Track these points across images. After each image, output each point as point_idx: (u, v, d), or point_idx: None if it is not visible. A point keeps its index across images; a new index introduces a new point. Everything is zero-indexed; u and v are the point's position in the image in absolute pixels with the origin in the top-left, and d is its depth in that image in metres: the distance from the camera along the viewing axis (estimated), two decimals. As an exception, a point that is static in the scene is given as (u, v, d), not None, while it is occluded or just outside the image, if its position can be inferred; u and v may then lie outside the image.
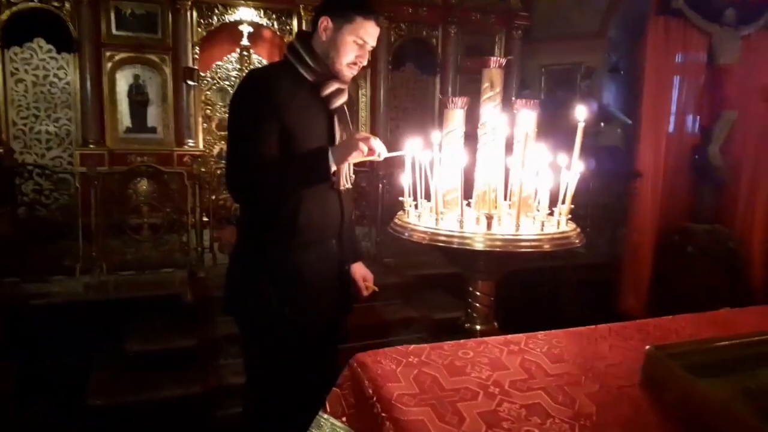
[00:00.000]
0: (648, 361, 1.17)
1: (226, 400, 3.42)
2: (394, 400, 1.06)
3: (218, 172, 4.56)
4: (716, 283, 5.09)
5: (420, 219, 1.90)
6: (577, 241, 1.80)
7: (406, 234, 1.90)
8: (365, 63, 2.03)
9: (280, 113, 1.85)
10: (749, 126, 5.08)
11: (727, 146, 5.07)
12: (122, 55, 6.61)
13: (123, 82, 6.68)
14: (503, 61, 1.90)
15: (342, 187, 2.04)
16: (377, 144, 1.86)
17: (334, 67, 1.95)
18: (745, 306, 5.08)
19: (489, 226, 1.73)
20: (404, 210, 2.02)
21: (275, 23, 7.34)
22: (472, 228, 1.82)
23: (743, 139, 5.13)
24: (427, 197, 2.03)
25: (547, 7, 8.27)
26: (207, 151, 7.13)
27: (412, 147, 1.91)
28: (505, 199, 2.00)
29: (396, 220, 1.98)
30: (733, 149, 5.12)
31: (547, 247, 1.75)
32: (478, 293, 1.98)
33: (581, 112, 1.78)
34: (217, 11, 7.00)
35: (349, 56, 1.94)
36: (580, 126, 1.80)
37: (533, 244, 1.75)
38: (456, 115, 1.95)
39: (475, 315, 1.99)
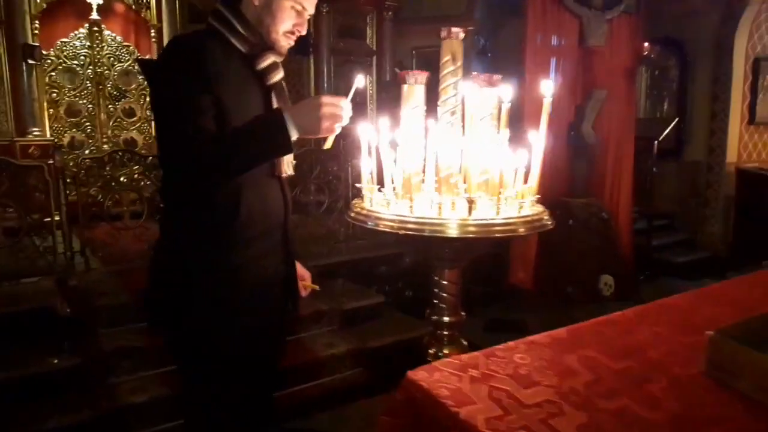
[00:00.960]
0: (714, 347, 1.12)
1: (126, 422, 3.00)
2: (482, 426, 0.90)
3: (87, 162, 3.97)
4: (592, 251, 5.46)
5: (383, 206, 1.72)
6: (549, 222, 1.73)
7: (370, 223, 1.72)
8: (304, 32, 1.78)
9: (213, 87, 1.57)
10: (615, 104, 5.47)
11: (597, 123, 5.41)
12: (-61, 28, 5.58)
13: (-58, 60, 5.63)
14: (463, 32, 1.77)
15: (284, 174, 1.81)
16: (347, 110, 1.56)
17: (269, 36, 1.71)
18: (618, 270, 5.47)
19: (470, 211, 1.59)
20: (361, 197, 1.82)
21: (130, -4, 6.61)
22: (434, 214, 1.67)
23: (609, 116, 5.51)
24: (380, 182, 1.85)
25: (416, -13, 8.32)
26: (56, 140, 6.26)
27: (359, 82, 1.67)
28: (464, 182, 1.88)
29: (356, 208, 1.78)
30: (602, 126, 5.48)
31: (522, 230, 1.66)
32: (444, 282, 1.86)
33: (547, 88, 1.70)
34: (59, -20, 6.12)
35: (286, 23, 1.71)
36: (546, 102, 1.72)
37: (508, 228, 1.65)
38: (416, 91, 1.78)
39: (443, 306, 1.86)
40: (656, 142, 5.93)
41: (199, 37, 1.66)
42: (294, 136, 1.55)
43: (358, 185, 1.82)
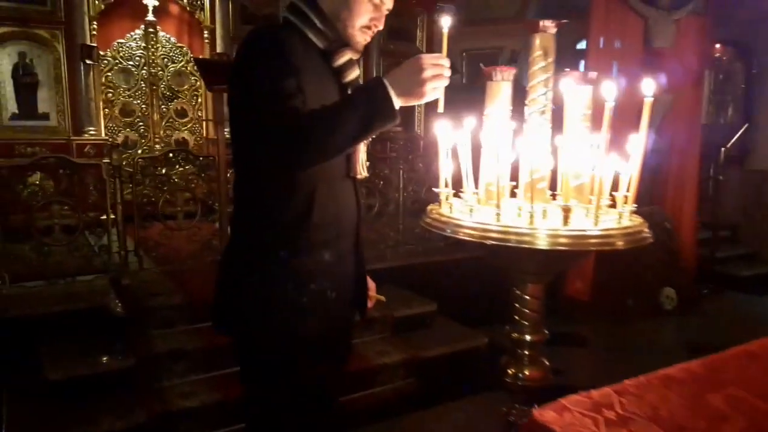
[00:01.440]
0: None
1: (178, 426, 2.94)
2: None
3: (140, 162, 3.97)
4: (654, 262, 5.20)
5: (465, 213, 1.59)
6: (649, 235, 1.57)
7: (449, 231, 1.59)
8: (381, 27, 1.68)
9: (300, 80, 1.48)
10: (681, 109, 5.21)
11: (662, 129, 5.16)
12: (3, 29, 5.69)
13: (6, 61, 5.76)
14: (555, 25, 1.63)
15: (359, 175, 1.71)
16: (447, 67, 1.43)
17: (346, 31, 1.62)
18: (681, 283, 5.19)
19: (566, 220, 1.45)
20: (438, 202, 1.70)
21: (184, -2, 6.66)
22: (522, 222, 1.54)
23: (675, 121, 5.25)
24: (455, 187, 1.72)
25: (468, -11, 8.17)
26: (111, 139, 6.35)
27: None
28: (550, 188, 1.74)
29: (433, 214, 1.66)
30: (666, 132, 5.23)
31: (620, 243, 1.51)
32: (527, 297, 1.72)
33: (648, 87, 1.55)
34: (117, -19, 6.20)
35: (363, 18, 1.61)
36: (647, 102, 1.57)
37: (605, 241, 1.49)
38: (502, 88, 1.66)
39: (524, 323, 1.72)
40: (723, 149, 5.62)
41: (280, 30, 1.59)
42: (398, 104, 1.43)
43: (435, 189, 1.70)
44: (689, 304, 5.22)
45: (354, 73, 1.66)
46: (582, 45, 9.33)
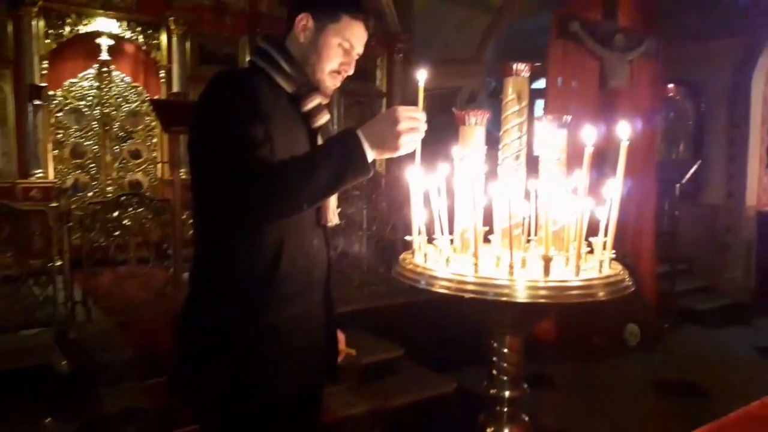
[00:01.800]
0: None
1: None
2: None
3: (94, 207, 3.79)
4: (617, 300, 5.20)
5: (442, 263, 1.50)
6: (631, 284, 1.51)
7: (423, 282, 1.50)
8: (351, 72, 1.63)
9: (266, 126, 1.40)
10: (637, 147, 5.31)
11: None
12: (-54, 67, 5.47)
13: (-52, 100, 5.50)
14: (528, 68, 1.59)
15: (330, 223, 1.63)
16: (423, 120, 1.41)
17: (315, 75, 1.56)
18: (643, 319, 5.21)
19: (547, 270, 1.38)
20: (412, 251, 1.61)
21: (140, 36, 6.57)
22: (501, 273, 1.46)
23: (631, 159, 5.35)
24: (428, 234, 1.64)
25: (427, 31, 8.31)
26: (59, 182, 6.09)
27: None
28: (527, 234, 1.68)
29: (406, 264, 1.56)
30: (624, 170, 5.31)
31: (602, 294, 1.44)
32: (505, 351, 1.63)
33: (624, 131, 1.52)
34: (69, 20, 6.08)
35: (333, 62, 1.56)
36: (623, 145, 1.53)
37: (587, 292, 1.43)
38: (476, 133, 1.60)
39: (503, 378, 1.63)
40: (678, 185, 5.76)
41: (247, 74, 1.52)
42: (371, 156, 1.38)
43: (408, 238, 1.62)
44: (652, 340, 5.23)
45: (324, 118, 1.59)
46: (537, 84, 9.59)
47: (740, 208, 6.67)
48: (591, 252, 1.57)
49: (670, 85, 5.49)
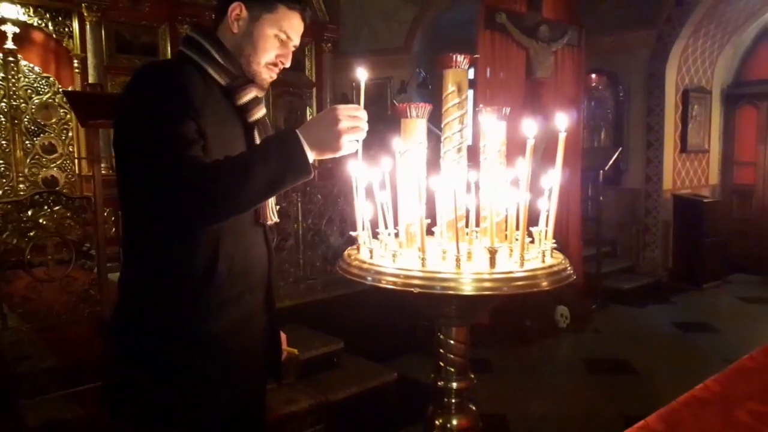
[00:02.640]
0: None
1: None
2: None
3: (6, 207, 3.51)
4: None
5: (389, 258, 1.47)
6: (572, 272, 1.54)
7: (370, 278, 1.46)
8: (288, 64, 1.57)
9: (198, 121, 1.32)
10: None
11: (547, 156, 5.39)
12: None
13: None
14: (467, 60, 1.58)
15: (269, 221, 1.57)
16: (365, 119, 1.38)
17: (250, 67, 1.49)
18: (572, 300, 5.39)
19: (492, 263, 1.38)
20: (356, 246, 1.57)
21: (50, 24, 6.17)
22: (447, 266, 1.45)
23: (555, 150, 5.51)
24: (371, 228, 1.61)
25: (355, 20, 8.25)
26: (-36, 181, 5.64)
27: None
28: (467, 225, 1.67)
29: (351, 260, 1.52)
30: (550, 157, 5.47)
31: (545, 284, 1.45)
32: (451, 342, 1.62)
33: (562, 122, 1.54)
34: (-31, 6, 5.58)
35: (269, 54, 1.50)
36: (562, 137, 1.55)
37: (530, 282, 1.44)
38: (416, 126, 1.57)
39: (450, 369, 1.62)
40: (602, 171, 5.99)
41: (176, 65, 1.42)
42: (311, 157, 1.33)
43: (353, 233, 1.58)
44: (581, 320, 5.44)
45: (260, 112, 1.53)
46: (465, 74, 9.73)
47: (658, 191, 7.02)
48: (532, 242, 1.59)
49: (593, 75, 5.68)
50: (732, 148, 7.85)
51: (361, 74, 1.46)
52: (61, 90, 6.14)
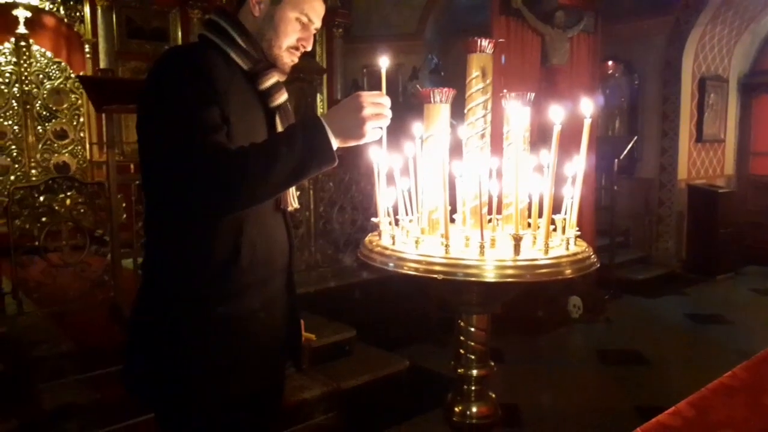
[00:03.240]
0: None
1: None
2: None
3: (20, 192, 3.51)
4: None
5: (412, 245, 1.45)
6: (596, 260, 1.51)
7: (392, 264, 1.44)
8: (309, 48, 1.55)
9: (222, 106, 1.30)
10: (577, 123, 5.42)
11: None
12: None
13: None
14: (492, 45, 1.54)
15: (290, 207, 1.56)
16: (387, 106, 1.37)
17: (272, 51, 1.47)
18: (585, 290, 5.33)
19: (517, 249, 1.35)
20: (378, 233, 1.55)
21: (61, 9, 6.15)
22: (470, 254, 1.42)
23: (574, 138, 5.45)
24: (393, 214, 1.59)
25: (365, 6, 8.17)
26: (-22, 164, 5.66)
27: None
28: (489, 213, 1.65)
29: (372, 246, 1.50)
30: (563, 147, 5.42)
31: (569, 272, 1.43)
32: (472, 329, 1.60)
33: (587, 107, 1.50)
34: (-19, -10, 5.58)
35: (290, 38, 1.48)
36: (587, 123, 1.52)
37: (554, 270, 1.41)
38: (440, 111, 1.54)
39: (471, 356, 1.60)
40: (617, 160, 5.93)
41: (200, 49, 1.40)
42: (336, 145, 1.32)
43: (374, 219, 1.55)
44: (594, 311, 5.41)
45: (282, 97, 1.51)
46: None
47: (672, 181, 6.95)
48: (555, 230, 1.56)
49: (609, 62, 5.61)
50: (748, 137, 7.73)
51: (383, 62, 1.44)
52: (72, 75, 6.14)
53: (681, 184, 6.95)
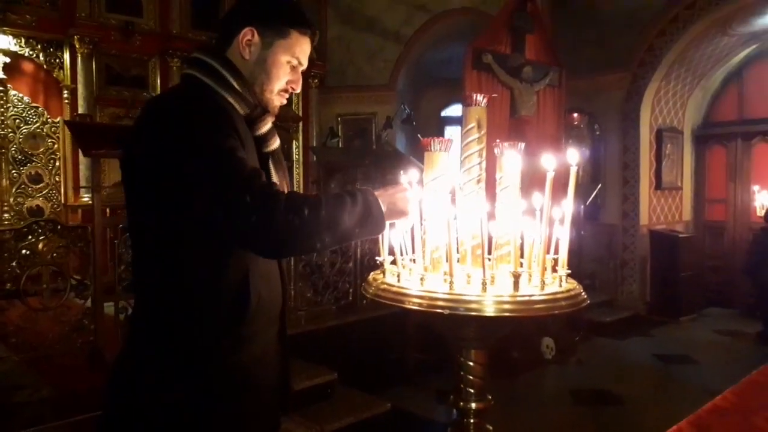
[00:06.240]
0: None
1: None
2: None
3: (5, 235, 3.50)
4: (532, 315, 5.48)
5: (416, 281, 1.56)
6: (586, 297, 1.64)
7: (397, 300, 1.54)
8: (298, 90, 1.58)
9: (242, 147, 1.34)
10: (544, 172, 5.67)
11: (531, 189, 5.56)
12: None
13: None
14: (487, 99, 1.70)
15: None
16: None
17: (264, 95, 1.47)
18: (557, 332, 5.45)
19: (516, 286, 1.47)
20: (381, 271, 1.65)
21: (41, 55, 6.22)
22: (472, 290, 1.54)
23: (542, 186, 5.70)
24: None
25: (340, 57, 8.46)
26: (-53, 209, 5.58)
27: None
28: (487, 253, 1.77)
29: (378, 284, 1.60)
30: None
31: (563, 303, 1.55)
32: (471, 364, 1.70)
33: (573, 156, 1.66)
34: (-40, 36, 5.62)
35: (281, 81, 1.49)
36: (573, 170, 1.67)
37: (550, 305, 1.53)
38: (439, 159, 1.68)
39: (470, 390, 1.70)
40: (582, 206, 6.20)
41: (207, 94, 1.39)
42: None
43: (378, 258, 1.66)
44: (566, 352, 5.55)
45: (276, 143, 1.52)
46: (446, 112, 9.99)
47: (635, 226, 7.26)
48: (546, 269, 1.69)
49: (575, 114, 5.95)
50: (703, 185, 8.16)
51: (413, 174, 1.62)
52: (50, 120, 6.17)
53: (643, 230, 7.26)
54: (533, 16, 5.63)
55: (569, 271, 1.69)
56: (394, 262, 1.68)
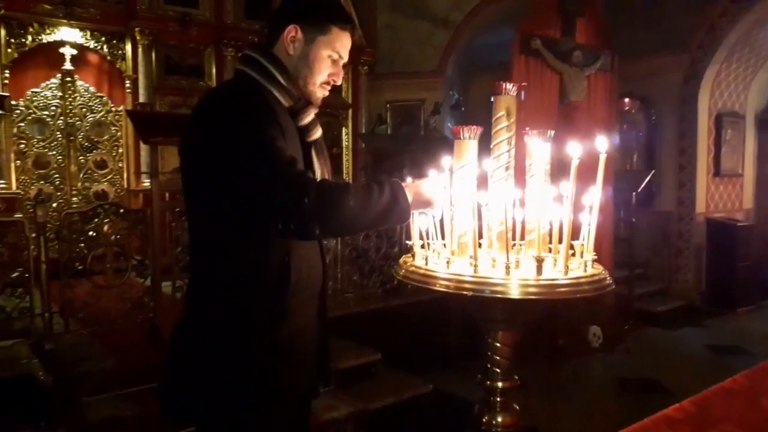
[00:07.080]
0: None
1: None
2: None
3: (72, 217, 3.77)
4: (581, 302, 5.44)
5: (443, 265, 1.63)
6: (611, 281, 1.67)
7: (425, 282, 1.61)
8: (339, 82, 1.68)
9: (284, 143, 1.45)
10: (595, 160, 5.58)
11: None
12: None
13: None
14: (516, 87, 1.74)
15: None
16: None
17: (306, 88, 1.58)
18: (605, 320, 5.41)
19: (540, 270, 1.53)
20: (411, 254, 1.73)
21: (104, 47, 6.53)
22: (496, 273, 1.60)
23: (591, 172, 5.61)
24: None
25: (389, 44, 8.50)
26: (22, 193, 5.98)
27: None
28: (514, 238, 1.82)
29: (408, 267, 1.68)
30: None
31: (587, 288, 1.59)
32: (498, 345, 1.76)
33: (602, 144, 1.68)
34: (32, 30, 6.00)
35: (323, 74, 1.59)
36: (602, 158, 1.69)
37: (574, 289, 1.57)
38: (469, 147, 1.73)
39: (497, 370, 1.76)
40: (634, 193, 6.07)
41: (253, 89, 1.51)
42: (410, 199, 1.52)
43: (409, 242, 1.74)
44: (614, 341, 5.49)
45: (318, 132, 1.63)
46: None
47: (691, 214, 7.05)
48: (573, 255, 1.73)
49: (626, 99, 5.81)
50: (767, 172, 7.82)
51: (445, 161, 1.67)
52: (113, 108, 6.50)
53: (699, 218, 7.04)
54: (584, -1, 5.53)
55: (595, 256, 1.72)
56: (423, 246, 1.76)
